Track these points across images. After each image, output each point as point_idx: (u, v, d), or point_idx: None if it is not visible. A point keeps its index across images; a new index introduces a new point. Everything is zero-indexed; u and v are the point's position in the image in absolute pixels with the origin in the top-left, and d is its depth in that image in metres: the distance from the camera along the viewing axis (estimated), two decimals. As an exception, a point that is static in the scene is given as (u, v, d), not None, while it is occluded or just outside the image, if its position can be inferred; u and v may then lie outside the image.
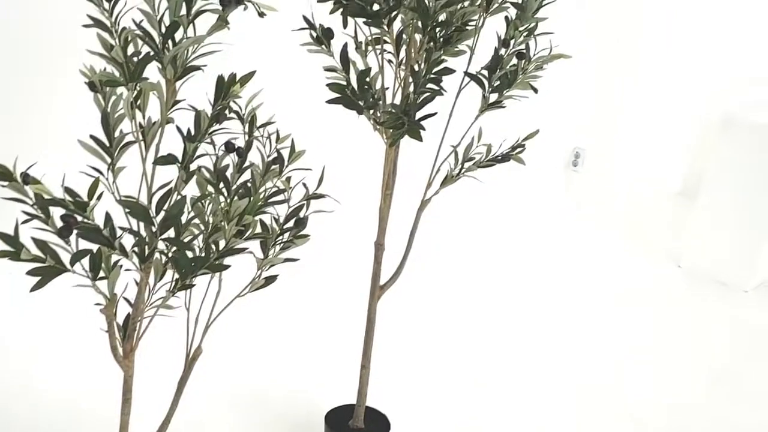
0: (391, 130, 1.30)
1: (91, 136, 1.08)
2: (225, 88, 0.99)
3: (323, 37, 1.27)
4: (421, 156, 1.65)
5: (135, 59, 1.02)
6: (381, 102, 1.33)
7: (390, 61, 1.46)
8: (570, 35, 2.67)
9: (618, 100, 3.35)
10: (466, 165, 1.53)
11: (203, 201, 1.05)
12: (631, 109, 3.36)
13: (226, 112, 1.02)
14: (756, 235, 3.08)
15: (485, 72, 1.44)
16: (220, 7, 1.02)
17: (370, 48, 1.45)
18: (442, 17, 1.30)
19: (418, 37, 1.37)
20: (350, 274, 2.52)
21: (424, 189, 1.55)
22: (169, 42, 1.02)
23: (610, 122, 3.37)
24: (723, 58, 3.29)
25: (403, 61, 1.46)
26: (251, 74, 1.00)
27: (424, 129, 1.25)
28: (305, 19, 1.26)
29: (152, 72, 1.05)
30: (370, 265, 1.61)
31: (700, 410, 2.20)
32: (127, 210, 0.96)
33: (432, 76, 1.33)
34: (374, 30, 1.37)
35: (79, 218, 0.93)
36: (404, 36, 1.41)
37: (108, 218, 0.97)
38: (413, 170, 1.78)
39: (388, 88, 1.46)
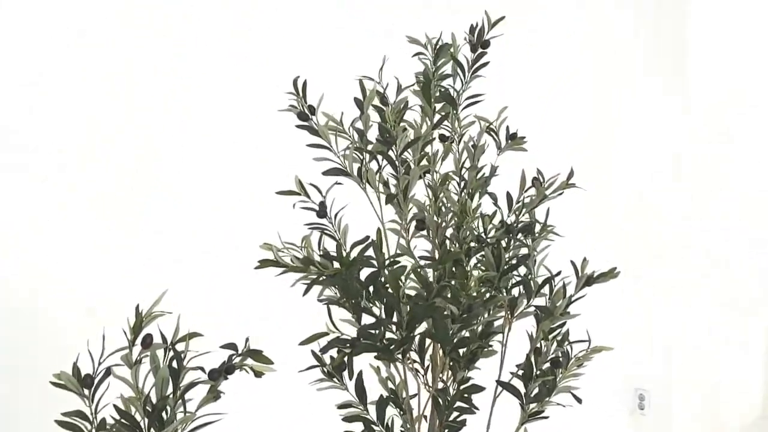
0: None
1: None
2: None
3: (335, 371, 1.15)
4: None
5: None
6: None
7: (417, 371, 1.34)
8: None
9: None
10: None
11: None
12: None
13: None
14: None
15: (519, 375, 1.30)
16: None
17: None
18: (465, 333, 1.19)
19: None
20: None
21: None
22: (156, 424, 0.91)
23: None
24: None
25: (429, 368, 1.33)
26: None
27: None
28: (314, 354, 1.16)
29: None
30: None
31: None
32: None
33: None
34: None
35: None
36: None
37: None
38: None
39: (416, 396, 1.32)
